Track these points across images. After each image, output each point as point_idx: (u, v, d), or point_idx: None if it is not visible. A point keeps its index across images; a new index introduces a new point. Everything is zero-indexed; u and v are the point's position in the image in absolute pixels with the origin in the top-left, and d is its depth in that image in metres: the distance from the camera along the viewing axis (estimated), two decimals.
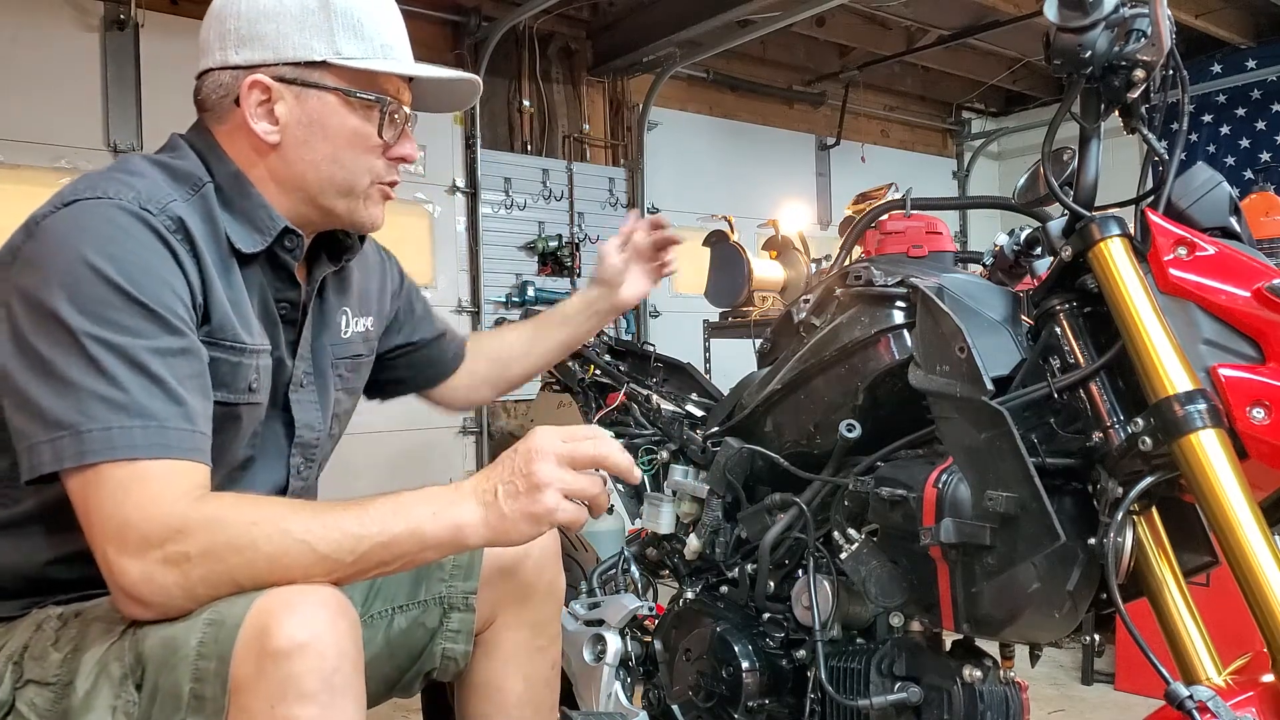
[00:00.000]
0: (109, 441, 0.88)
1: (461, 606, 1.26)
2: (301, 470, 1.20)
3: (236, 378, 1.04)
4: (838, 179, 5.75)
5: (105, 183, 0.99)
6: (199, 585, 0.89)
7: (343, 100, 1.09)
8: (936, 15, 4.82)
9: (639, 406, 1.75)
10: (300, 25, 1.07)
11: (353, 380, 1.29)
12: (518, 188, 4.45)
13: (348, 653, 0.88)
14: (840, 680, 1.27)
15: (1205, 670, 0.97)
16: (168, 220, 0.98)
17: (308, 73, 1.07)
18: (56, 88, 3.36)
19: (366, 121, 1.10)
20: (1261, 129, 5.13)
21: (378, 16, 1.11)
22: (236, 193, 1.08)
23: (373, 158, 1.12)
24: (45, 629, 0.98)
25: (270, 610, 0.86)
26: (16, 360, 0.91)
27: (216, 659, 0.86)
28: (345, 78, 1.09)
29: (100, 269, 0.92)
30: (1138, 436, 1.00)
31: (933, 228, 1.38)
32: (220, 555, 0.88)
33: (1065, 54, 1.07)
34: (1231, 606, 0.94)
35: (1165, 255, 1.06)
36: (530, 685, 1.32)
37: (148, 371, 0.91)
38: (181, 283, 0.97)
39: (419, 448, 4.15)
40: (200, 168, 1.07)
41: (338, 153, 1.10)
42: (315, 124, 1.08)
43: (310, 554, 0.90)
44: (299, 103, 1.08)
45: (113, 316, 0.91)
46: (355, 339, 1.28)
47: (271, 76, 1.06)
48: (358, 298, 1.29)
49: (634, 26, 4.54)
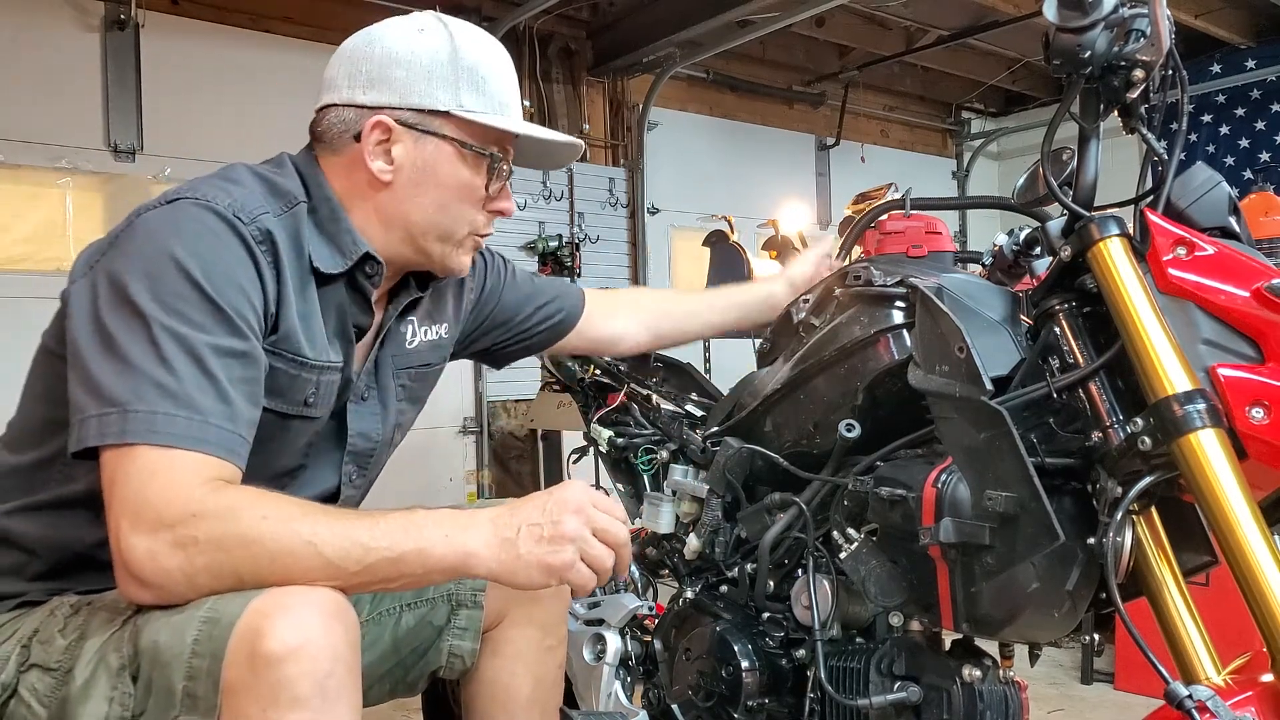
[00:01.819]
0: (151, 424, 0.91)
1: (470, 604, 1.26)
2: (354, 478, 1.21)
3: (293, 389, 1.08)
4: (837, 179, 5.75)
5: (207, 187, 1.04)
6: (201, 573, 0.89)
7: (457, 151, 1.13)
8: (936, 15, 4.82)
9: (639, 406, 1.75)
10: (429, 75, 1.11)
11: (417, 389, 1.31)
12: (518, 188, 4.39)
13: (342, 657, 0.88)
14: (840, 680, 1.27)
15: (1205, 670, 0.97)
16: (256, 230, 1.02)
17: (429, 120, 1.12)
18: (56, 88, 3.36)
19: (476, 174, 1.15)
20: (1261, 129, 5.13)
21: (500, 75, 1.16)
22: (328, 216, 1.12)
23: (475, 209, 1.17)
24: (57, 615, 0.99)
25: (265, 612, 0.86)
26: (88, 335, 0.95)
27: (210, 657, 0.86)
28: (463, 129, 1.13)
29: (183, 265, 0.96)
30: (1137, 436, 1.00)
31: (932, 228, 1.38)
32: (227, 545, 0.89)
33: (1065, 54, 1.07)
34: (1231, 606, 0.95)
35: (1164, 255, 1.06)
36: (538, 685, 1.32)
37: (204, 366, 0.95)
38: (257, 290, 1.01)
39: (419, 447, 4.15)
40: (300, 188, 1.11)
41: (445, 200, 1.14)
42: (429, 169, 1.13)
43: (316, 557, 0.90)
44: (416, 147, 1.12)
45: (184, 309, 0.95)
46: (423, 348, 1.30)
47: (394, 119, 1.11)
48: (426, 308, 1.31)
49: (634, 26, 4.54)
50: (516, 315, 1.50)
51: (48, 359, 1.06)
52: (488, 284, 1.46)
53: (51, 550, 1.05)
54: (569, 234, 4.60)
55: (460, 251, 1.19)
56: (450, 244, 1.17)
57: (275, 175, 1.11)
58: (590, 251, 4.65)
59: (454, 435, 4.32)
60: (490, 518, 0.97)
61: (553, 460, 4.20)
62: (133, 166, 3.47)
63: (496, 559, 0.95)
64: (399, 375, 1.26)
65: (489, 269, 1.47)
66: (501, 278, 1.49)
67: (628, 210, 4.88)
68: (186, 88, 3.53)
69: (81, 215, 3.44)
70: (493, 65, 1.15)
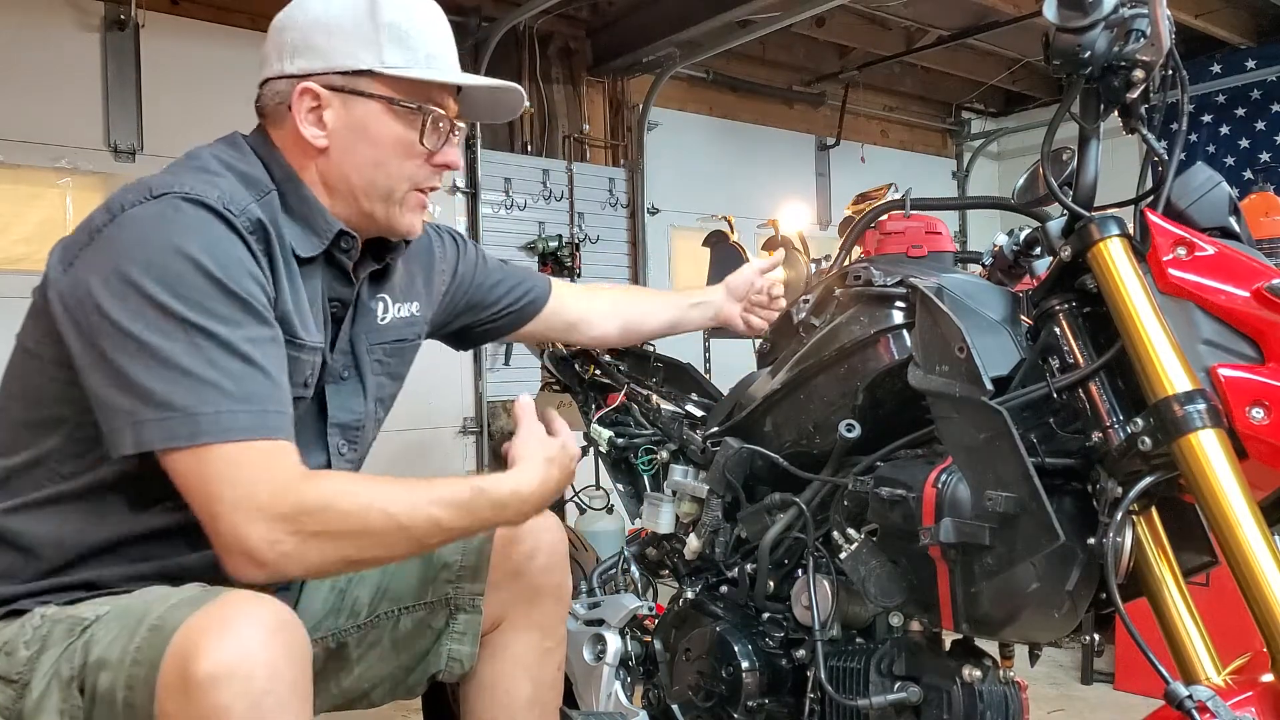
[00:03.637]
0: (219, 423, 0.95)
1: (468, 608, 1.26)
2: (344, 451, 1.22)
3: (295, 372, 1.10)
4: (837, 179, 5.74)
5: (191, 179, 1.04)
6: (314, 560, 0.98)
7: (386, 107, 1.13)
8: (936, 15, 4.82)
9: (639, 406, 1.75)
10: (350, 36, 1.12)
11: (394, 365, 1.32)
12: (518, 188, 4.45)
13: (281, 674, 0.86)
14: (840, 680, 1.27)
15: (1205, 670, 0.97)
16: (248, 221, 1.04)
17: (355, 81, 1.12)
18: (56, 88, 3.35)
19: (409, 128, 1.15)
20: (1261, 129, 5.12)
21: (424, 28, 1.16)
22: (297, 200, 1.13)
23: (415, 163, 1.17)
24: (26, 627, 0.99)
25: (201, 628, 0.86)
26: (110, 340, 0.96)
27: (148, 665, 0.87)
28: (389, 86, 1.13)
29: (198, 261, 0.98)
30: (1137, 436, 1.00)
31: (932, 228, 1.38)
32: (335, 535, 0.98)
33: (1065, 54, 1.07)
34: (1231, 606, 0.95)
35: (1164, 255, 1.06)
36: (538, 687, 1.32)
37: (248, 358, 0.99)
38: (261, 275, 1.04)
39: (419, 447, 4.15)
40: (264, 174, 1.13)
41: (381, 157, 1.15)
42: (360, 129, 1.13)
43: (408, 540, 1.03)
44: (346, 109, 1.13)
45: (212, 306, 0.98)
46: (396, 324, 1.31)
47: (321, 85, 1.11)
48: (398, 286, 1.32)
49: (634, 26, 4.53)
50: (488, 297, 1.53)
51: (25, 359, 1.06)
52: (460, 269, 1.47)
53: (52, 549, 1.04)
54: (569, 234, 4.59)
55: (405, 210, 1.19)
56: (393, 203, 1.17)
57: (240, 163, 1.12)
58: (590, 251, 4.65)
59: (454, 435, 4.32)
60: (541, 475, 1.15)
61: None
62: (133, 166, 3.46)
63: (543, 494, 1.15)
64: (374, 351, 1.27)
65: (461, 254, 1.48)
66: (474, 263, 1.51)
67: (628, 210, 4.87)
68: (186, 88, 3.52)
69: (81, 215, 3.36)
70: (415, 19, 1.15)
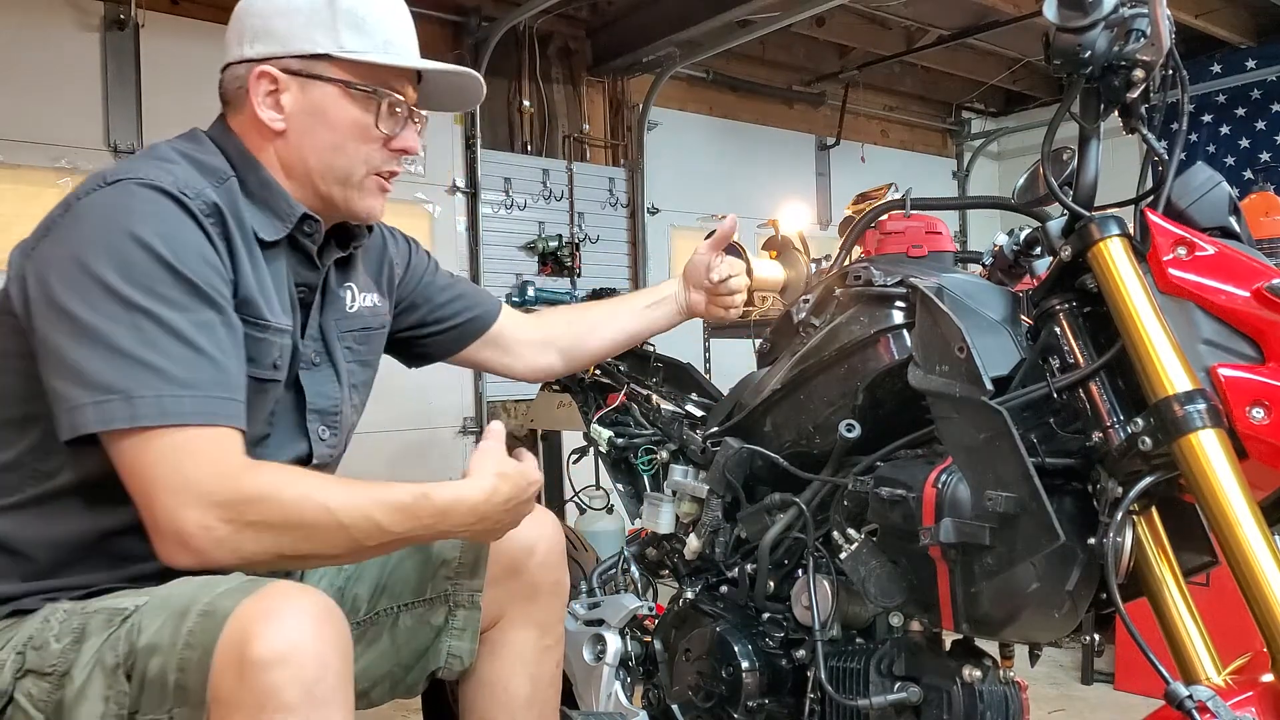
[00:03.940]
0: (159, 407, 0.95)
1: (467, 604, 1.26)
2: (325, 437, 1.22)
3: (262, 353, 1.10)
4: (837, 179, 5.74)
5: (146, 167, 1.05)
6: (248, 549, 0.96)
7: (343, 91, 1.14)
8: (936, 15, 4.82)
9: (639, 406, 1.75)
10: (308, 21, 1.13)
11: (364, 352, 1.31)
12: (518, 188, 4.45)
13: (331, 663, 0.88)
14: (840, 680, 1.27)
15: (1205, 670, 0.97)
16: (203, 204, 1.04)
17: (313, 65, 1.13)
18: (56, 88, 3.35)
19: (365, 112, 1.16)
20: (1261, 129, 5.12)
21: (382, 15, 1.17)
22: (258, 184, 1.14)
23: (372, 148, 1.18)
24: (51, 621, 0.99)
25: (252, 617, 0.87)
26: (56, 326, 0.96)
27: (201, 649, 0.87)
28: (346, 70, 1.14)
29: (149, 244, 0.98)
30: (1137, 436, 1.00)
31: (932, 228, 1.38)
32: (272, 526, 0.97)
33: (1065, 54, 1.07)
34: (1231, 606, 0.94)
35: (1165, 255, 1.06)
36: (537, 685, 1.32)
37: (193, 343, 0.98)
38: (216, 259, 1.04)
39: (419, 447, 4.15)
40: (224, 163, 1.13)
41: (338, 141, 1.16)
42: (317, 113, 1.14)
43: (341, 532, 1.00)
44: (303, 93, 1.14)
45: (161, 290, 0.98)
46: (363, 312, 1.31)
47: (279, 69, 1.13)
48: (362, 275, 1.33)
49: (634, 26, 4.53)
50: (432, 301, 1.51)
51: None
52: (412, 266, 1.47)
53: (46, 549, 1.04)
54: (569, 234, 4.59)
55: (364, 194, 1.19)
56: (352, 187, 1.18)
57: (197, 153, 1.12)
58: (590, 251, 4.65)
59: (454, 435, 4.32)
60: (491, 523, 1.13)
61: (553, 460, 4.19)
62: None
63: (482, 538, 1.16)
64: (344, 338, 1.27)
65: (412, 253, 1.48)
66: (424, 265, 1.50)
67: (628, 210, 4.87)
68: (186, 88, 3.50)
69: None
70: (373, 6, 1.16)
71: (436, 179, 4.24)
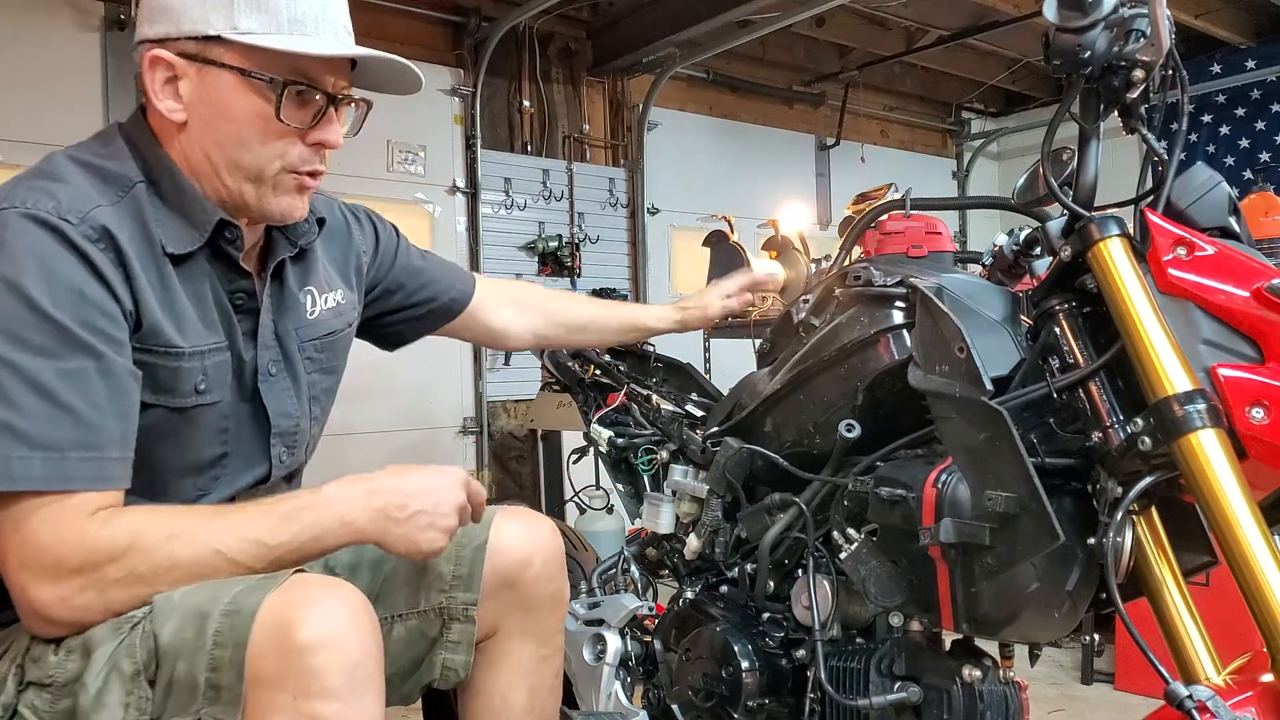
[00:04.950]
0: (8, 471, 0.88)
1: (461, 618, 1.23)
2: (284, 458, 1.17)
3: (178, 382, 1.02)
4: (837, 179, 5.74)
5: (25, 191, 0.96)
6: (117, 604, 0.92)
7: (239, 79, 1.02)
8: (936, 15, 4.82)
9: (639, 406, 1.75)
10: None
11: (327, 360, 1.24)
12: (518, 188, 4.45)
13: (370, 650, 0.89)
14: (840, 680, 1.27)
15: (1205, 670, 0.97)
16: (89, 230, 0.95)
17: (207, 48, 1.01)
18: (56, 88, 3.35)
19: (266, 102, 1.03)
20: (1261, 129, 5.12)
21: None
22: (172, 188, 1.04)
23: (285, 142, 1.06)
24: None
25: (292, 604, 0.87)
26: None
27: (233, 646, 0.87)
28: (243, 55, 1.02)
29: (17, 285, 0.90)
30: (1137, 436, 1.00)
31: (932, 228, 1.38)
32: (144, 576, 0.92)
33: (1065, 54, 1.07)
34: (1231, 606, 0.94)
35: (1164, 255, 1.06)
36: (535, 695, 1.30)
37: (55, 398, 0.90)
38: (103, 294, 0.94)
39: (419, 447, 4.15)
40: (132, 166, 1.03)
41: (241, 135, 1.04)
42: (215, 103, 1.03)
43: (228, 564, 0.95)
44: (201, 80, 1.02)
45: (25, 335, 0.89)
46: (325, 317, 1.23)
47: (175, 52, 1.02)
48: (323, 274, 1.24)
49: (634, 27, 4.54)
50: (407, 285, 1.43)
51: None
52: (381, 250, 1.39)
53: None
54: (569, 234, 4.59)
55: (278, 192, 1.08)
56: (264, 185, 1.06)
57: (103, 159, 1.03)
58: (590, 251, 4.65)
59: (454, 435, 4.32)
60: (383, 499, 1.03)
61: (553, 460, 4.19)
62: None
63: (381, 531, 1.03)
64: (305, 348, 1.20)
65: (380, 235, 1.39)
66: (394, 242, 1.42)
67: (628, 210, 4.87)
68: None
69: None
70: None
71: (436, 179, 4.24)
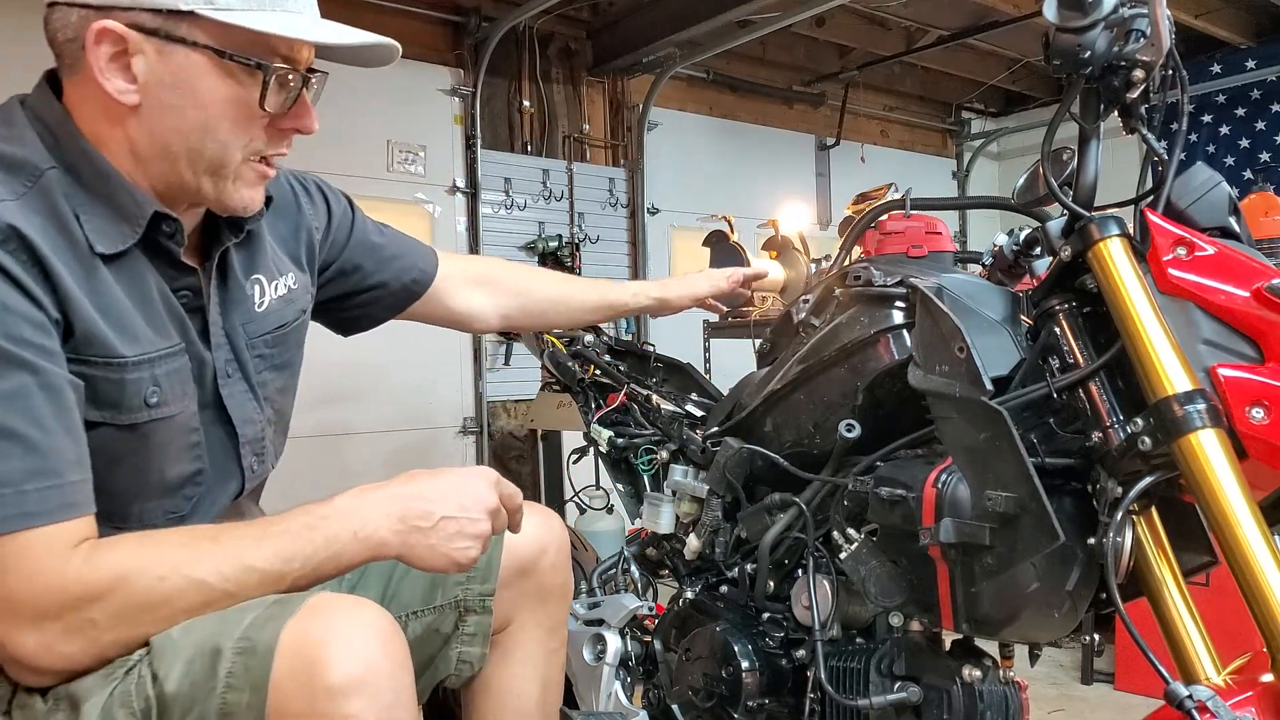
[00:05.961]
0: None
1: (478, 609, 1.20)
2: (255, 469, 1.08)
3: (125, 395, 0.90)
4: (837, 179, 5.74)
5: None
6: (109, 648, 0.84)
7: (214, 61, 0.90)
8: (936, 15, 4.82)
9: (639, 406, 1.75)
10: None
11: (278, 355, 1.12)
12: (518, 188, 4.45)
13: (404, 687, 0.83)
14: (840, 680, 1.27)
15: (1205, 670, 0.97)
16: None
17: (173, 24, 0.88)
18: None
19: (246, 88, 0.92)
20: (1261, 129, 5.12)
21: None
22: (93, 176, 0.90)
23: (253, 129, 0.95)
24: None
25: (316, 639, 0.80)
26: None
27: (250, 690, 0.80)
28: (218, 33, 0.89)
29: None
30: (1137, 436, 1.00)
31: (932, 228, 1.38)
32: (133, 618, 0.83)
33: (1065, 54, 1.07)
34: (1231, 606, 0.94)
35: (1164, 255, 1.06)
36: (546, 688, 1.29)
37: None
38: (24, 302, 0.82)
39: (419, 447, 4.15)
40: (39, 150, 0.90)
41: (210, 122, 0.92)
42: (182, 86, 0.90)
43: (227, 599, 0.85)
44: (162, 59, 0.89)
45: None
46: (274, 307, 1.11)
47: (127, 24, 0.87)
48: (270, 258, 1.13)
49: (634, 27, 4.54)
50: (364, 265, 1.30)
51: None
52: (334, 222, 1.25)
53: None
54: (569, 234, 4.59)
55: (240, 184, 0.96)
56: (225, 177, 0.95)
57: (4, 142, 0.89)
58: (590, 251, 4.65)
59: (454, 435, 4.32)
60: (403, 506, 0.93)
61: (553, 460, 4.19)
62: None
63: (405, 544, 0.93)
64: (254, 345, 1.07)
65: (332, 205, 1.26)
66: (348, 216, 1.29)
67: (628, 210, 4.87)
68: None
69: None
70: None
71: (436, 179, 4.24)
